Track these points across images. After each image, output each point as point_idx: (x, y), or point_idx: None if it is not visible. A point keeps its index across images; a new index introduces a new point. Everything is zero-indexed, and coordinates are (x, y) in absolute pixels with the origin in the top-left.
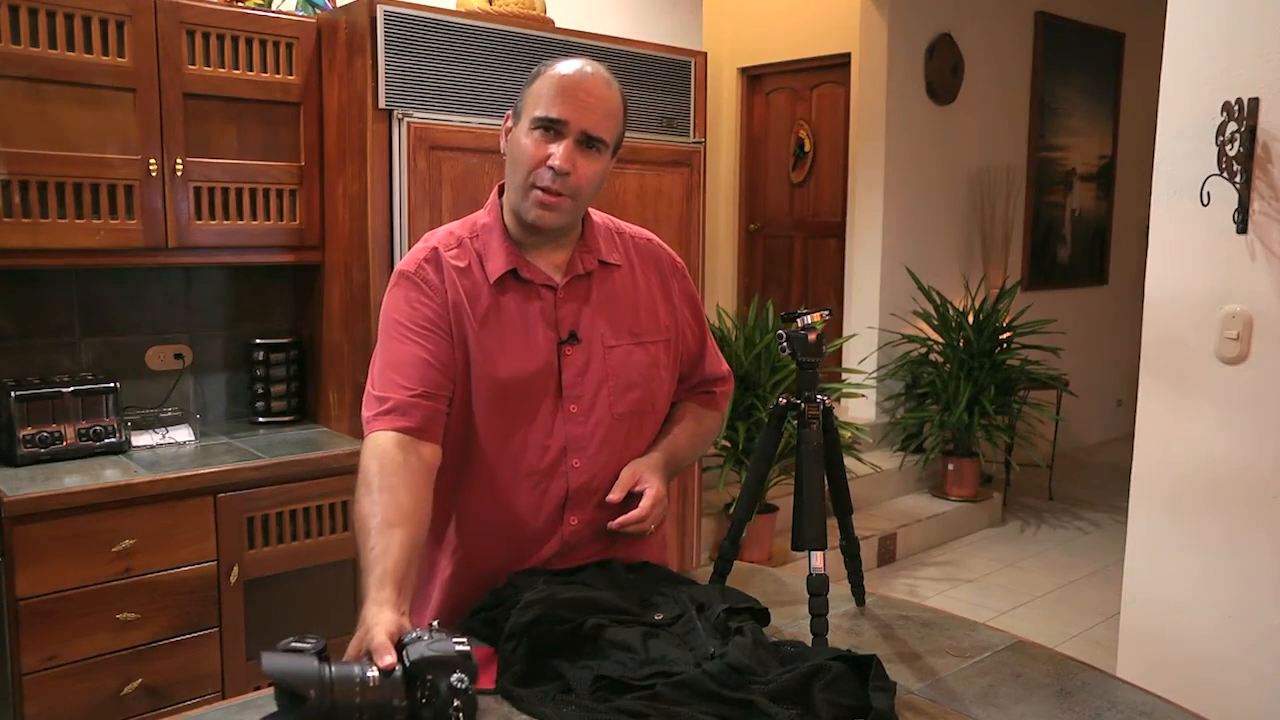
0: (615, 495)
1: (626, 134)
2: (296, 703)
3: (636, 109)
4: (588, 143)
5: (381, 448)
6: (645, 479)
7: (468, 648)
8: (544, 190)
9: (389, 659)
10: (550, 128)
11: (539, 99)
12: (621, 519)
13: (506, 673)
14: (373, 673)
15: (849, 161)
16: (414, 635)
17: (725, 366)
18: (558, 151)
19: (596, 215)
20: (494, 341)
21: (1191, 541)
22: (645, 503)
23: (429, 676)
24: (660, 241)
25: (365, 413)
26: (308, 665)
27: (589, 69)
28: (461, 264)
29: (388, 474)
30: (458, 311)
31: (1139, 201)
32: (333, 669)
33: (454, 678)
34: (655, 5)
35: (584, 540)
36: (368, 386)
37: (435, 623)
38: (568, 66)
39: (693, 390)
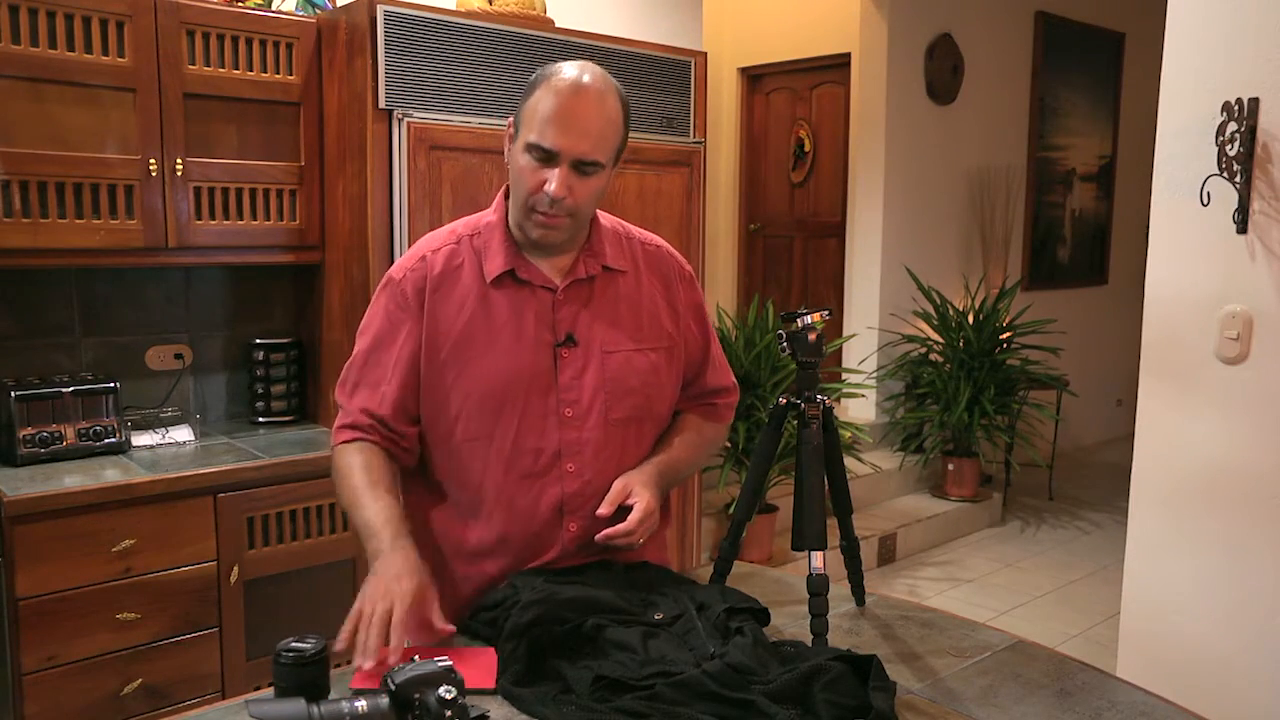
0: (604, 509)
1: (630, 134)
2: None
3: (636, 109)
4: (581, 167)
5: (351, 452)
6: (636, 492)
7: (450, 662)
8: (543, 214)
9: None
10: (543, 154)
11: (533, 121)
12: (608, 531)
13: (506, 672)
14: (361, 704)
15: (849, 161)
16: (398, 665)
17: (731, 379)
18: (552, 179)
19: (605, 219)
20: (482, 340)
21: (1191, 541)
22: (633, 517)
23: (416, 695)
24: (670, 249)
25: (341, 417)
26: (295, 709)
27: (586, 81)
28: (455, 263)
29: (367, 465)
30: (433, 320)
31: (1139, 201)
32: (321, 708)
33: (441, 689)
34: (655, 5)
35: (582, 546)
36: (343, 377)
37: (416, 656)
38: (564, 81)
39: (694, 400)
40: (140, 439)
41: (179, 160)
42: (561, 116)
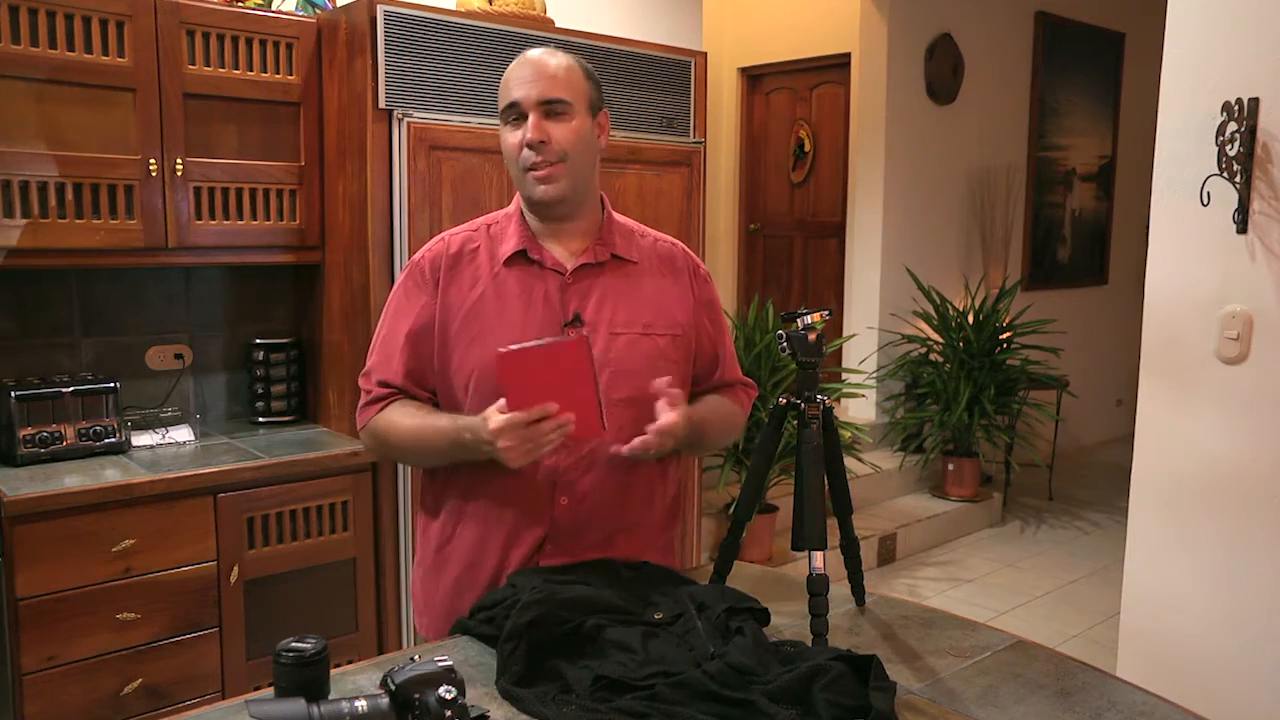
0: (657, 385)
1: (630, 134)
2: None
3: (637, 109)
4: (550, 109)
5: (384, 414)
6: (673, 404)
7: (450, 662)
8: (533, 169)
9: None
10: (514, 114)
11: (501, 95)
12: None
13: (506, 673)
14: (361, 704)
15: (849, 161)
16: (398, 666)
17: (746, 378)
18: (527, 129)
19: (620, 217)
20: (491, 316)
21: (1191, 541)
22: (663, 420)
23: (416, 696)
24: (684, 247)
25: (362, 396)
26: (295, 709)
27: (534, 51)
28: (471, 246)
29: (405, 410)
30: (446, 297)
31: (1139, 201)
32: (321, 708)
33: (441, 689)
34: (655, 5)
35: (576, 525)
36: (368, 361)
37: (416, 656)
38: (517, 59)
39: (713, 388)
40: (140, 439)
41: (179, 160)
42: (517, 73)
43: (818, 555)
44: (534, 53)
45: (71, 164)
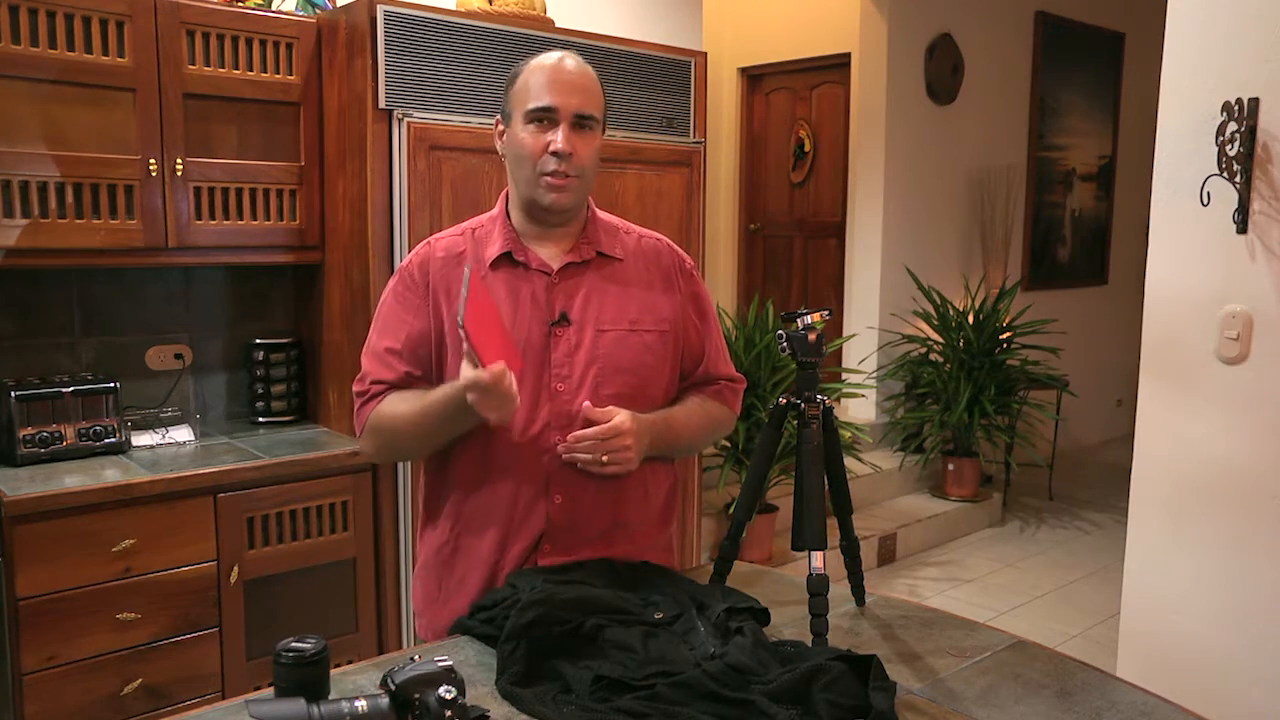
0: (584, 409)
1: (630, 134)
2: None
3: (637, 109)
4: (580, 123)
5: (382, 406)
6: (614, 411)
7: (450, 662)
8: (552, 175)
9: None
10: (544, 118)
11: (527, 94)
12: (573, 435)
13: (506, 673)
14: (361, 704)
15: (849, 161)
16: (398, 666)
17: (736, 372)
18: (557, 137)
19: (603, 215)
20: None
21: (1191, 541)
22: (600, 427)
23: (416, 696)
24: (670, 243)
25: (357, 401)
26: (295, 709)
27: (563, 56)
28: (457, 250)
29: (403, 395)
30: (436, 302)
31: (1139, 201)
32: (321, 708)
33: (441, 689)
34: (655, 5)
35: (572, 523)
36: (363, 367)
37: (416, 656)
38: (546, 59)
39: (700, 385)
40: (140, 439)
41: (179, 160)
42: (554, 79)
43: (818, 555)
44: (558, 56)
45: (71, 164)
